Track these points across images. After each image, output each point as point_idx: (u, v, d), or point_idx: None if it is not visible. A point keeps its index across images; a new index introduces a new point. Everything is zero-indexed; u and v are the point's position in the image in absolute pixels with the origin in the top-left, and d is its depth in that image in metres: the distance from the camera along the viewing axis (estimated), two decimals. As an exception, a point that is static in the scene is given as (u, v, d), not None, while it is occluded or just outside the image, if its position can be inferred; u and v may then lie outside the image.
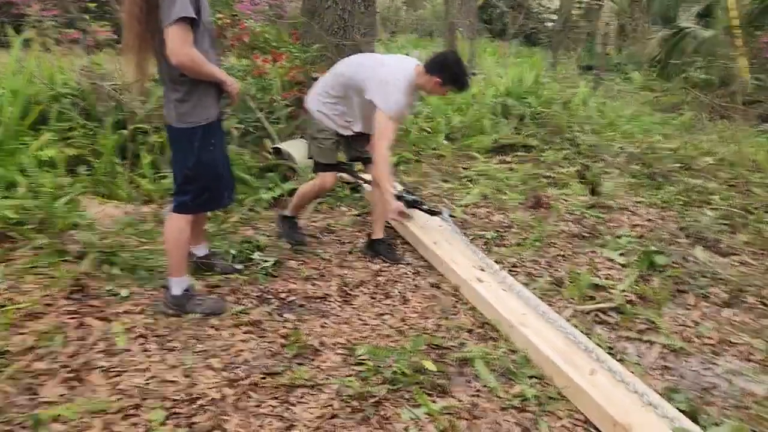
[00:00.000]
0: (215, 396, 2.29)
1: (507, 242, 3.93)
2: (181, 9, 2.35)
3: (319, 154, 3.54)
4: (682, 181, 5.28)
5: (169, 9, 2.36)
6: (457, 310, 3.06)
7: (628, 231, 4.11)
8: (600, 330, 2.94)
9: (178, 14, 2.35)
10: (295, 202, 3.66)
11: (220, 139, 2.80)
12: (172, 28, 2.37)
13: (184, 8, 2.36)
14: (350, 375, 2.47)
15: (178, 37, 2.39)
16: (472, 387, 2.44)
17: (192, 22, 2.41)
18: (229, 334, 2.70)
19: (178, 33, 2.38)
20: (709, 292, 3.33)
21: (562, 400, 2.38)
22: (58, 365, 2.38)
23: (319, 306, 3.04)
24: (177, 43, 2.39)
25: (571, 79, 10.06)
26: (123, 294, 2.93)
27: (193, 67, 2.48)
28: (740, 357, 2.78)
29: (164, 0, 2.37)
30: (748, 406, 2.42)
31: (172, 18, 2.36)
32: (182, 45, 2.40)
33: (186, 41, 2.41)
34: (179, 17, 2.36)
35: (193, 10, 2.40)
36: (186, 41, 2.41)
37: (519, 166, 5.51)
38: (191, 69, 2.49)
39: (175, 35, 2.38)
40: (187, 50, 2.42)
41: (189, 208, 2.75)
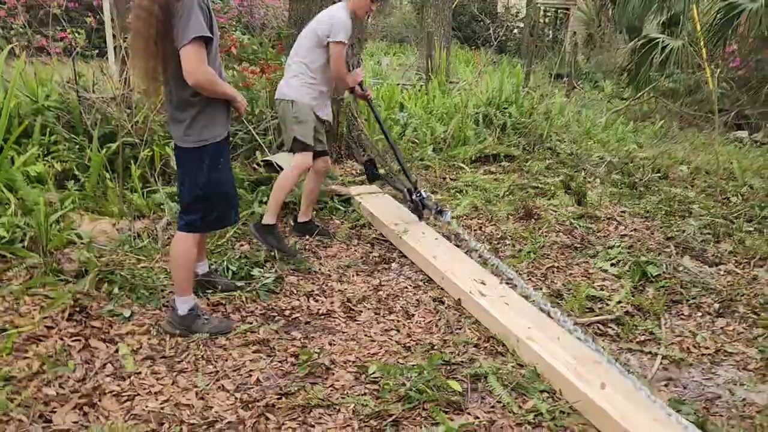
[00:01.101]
0: (232, 419, 2.27)
1: (502, 254, 3.98)
2: (196, 28, 2.34)
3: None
4: (662, 191, 5.42)
5: (185, 29, 2.34)
6: (462, 324, 3.09)
7: (618, 241, 4.20)
8: (602, 342, 3.00)
9: (194, 33, 2.34)
10: (273, 202, 3.69)
11: (228, 157, 2.78)
12: (187, 47, 2.36)
13: (200, 27, 2.35)
14: (365, 393, 2.47)
15: (195, 56, 2.37)
16: (487, 403, 2.47)
17: (206, 40, 2.40)
18: (238, 354, 2.68)
19: (194, 52, 2.37)
20: (701, 302, 3.43)
21: (575, 414, 2.42)
22: (68, 390, 2.33)
23: (324, 323, 3.04)
24: (193, 63, 2.37)
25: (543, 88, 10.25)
26: (125, 314, 2.88)
27: (209, 87, 2.47)
28: (738, 366, 2.88)
29: (180, 20, 2.35)
30: (751, 416, 2.50)
31: (188, 38, 2.34)
32: (198, 64, 2.39)
33: (202, 60, 2.40)
34: (195, 36, 2.34)
35: (207, 29, 2.39)
36: (202, 60, 2.40)
37: (504, 176, 5.59)
38: (207, 88, 2.48)
39: (191, 55, 2.36)
40: (203, 69, 2.41)
41: (198, 227, 2.72)
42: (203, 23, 2.38)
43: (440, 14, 11.16)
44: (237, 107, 2.73)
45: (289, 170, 3.71)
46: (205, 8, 2.45)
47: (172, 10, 2.38)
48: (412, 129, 6.00)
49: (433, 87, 7.80)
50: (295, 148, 3.67)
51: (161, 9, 2.38)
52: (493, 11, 20.79)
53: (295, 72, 3.66)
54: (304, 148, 3.66)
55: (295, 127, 3.62)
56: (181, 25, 2.36)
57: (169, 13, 2.38)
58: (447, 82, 8.60)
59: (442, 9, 11.19)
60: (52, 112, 4.53)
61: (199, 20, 2.36)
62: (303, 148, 3.65)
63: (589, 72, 14.49)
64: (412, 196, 4.15)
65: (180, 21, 2.36)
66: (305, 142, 3.64)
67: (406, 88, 8.16)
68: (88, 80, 4.90)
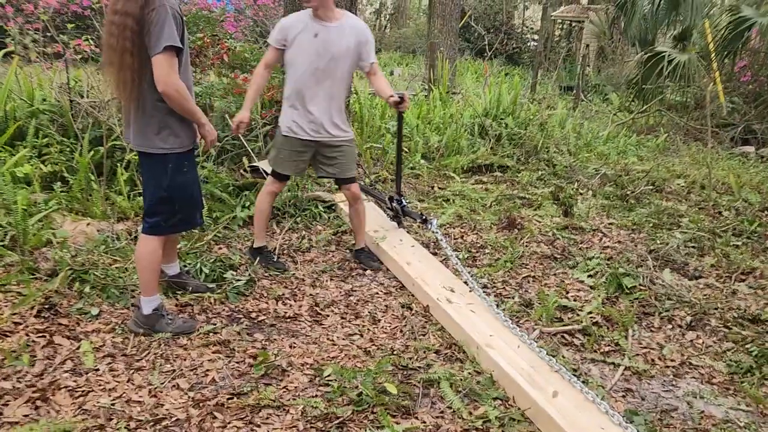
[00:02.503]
0: (180, 416, 2.30)
1: (479, 262, 3.99)
2: (168, 37, 2.40)
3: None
4: (654, 204, 5.38)
5: (157, 37, 2.39)
6: (426, 330, 3.10)
7: (599, 253, 4.18)
8: (565, 352, 2.99)
9: (165, 42, 2.39)
10: (256, 225, 3.69)
11: (193, 162, 2.83)
12: (159, 56, 2.41)
13: (171, 37, 2.41)
14: (316, 396, 2.49)
15: (166, 65, 2.43)
16: (437, 408, 2.48)
17: (177, 51, 2.46)
18: (197, 354, 2.72)
19: (165, 61, 2.42)
20: (673, 315, 3.40)
21: (525, 421, 2.42)
22: (24, 385, 2.38)
23: (289, 326, 3.07)
24: (164, 71, 2.43)
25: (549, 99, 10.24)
26: (93, 312, 2.94)
27: (178, 99, 2.51)
28: (701, 379, 2.85)
29: (153, 27, 2.40)
30: (707, 429, 2.47)
31: (160, 47, 2.39)
32: (169, 74, 2.44)
33: (172, 70, 2.45)
34: (167, 45, 2.40)
35: (179, 39, 2.45)
36: (172, 70, 2.45)
37: (494, 186, 5.59)
38: (176, 100, 2.51)
39: (162, 63, 2.42)
40: (173, 80, 2.46)
41: (162, 229, 2.77)
42: (175, 33, 2.43)
43: (447, 25, 11.20)
44: (204, 134, 2.75)
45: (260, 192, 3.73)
46: (179, 18, 2.51)
47: (146, 20, 2.43)
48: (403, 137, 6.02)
49: (433, 97, 7.84)
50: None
51: (135, 21, 2.43)
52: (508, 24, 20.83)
53: None
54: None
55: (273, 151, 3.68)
56: (154, 34, 2.40)
57: (143, 24, 2.43)
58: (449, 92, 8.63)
59: (449, 20, 11.23)
60: (46, 115, 4.65)
61: (172, 29, 2.41)
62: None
63: (599, 84, 14.43)
64: (392, 203, 4.17)
65: (153, 29, 2.40)
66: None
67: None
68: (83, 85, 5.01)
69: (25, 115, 4.61)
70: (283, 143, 3.55)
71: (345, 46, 3.41)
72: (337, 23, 3.41)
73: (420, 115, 6.94)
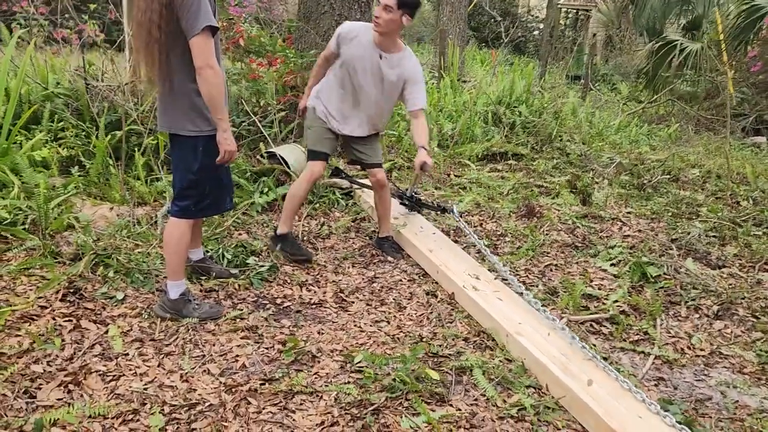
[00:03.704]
0: (214, 402, 2.28)
1: (500, 251, 3.96)
2: (205, 17, 2.35)
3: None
4: (671, 193, 5.36)
5: (195, 17, 2.34)
6: (453, 318, 3.08)
7: (620, 241, 4.16)
8: (594, 340, 2.97)
9: (204, 23, 2.35)
10: (286, 211, 3.62)
11: (222, 145, 2.79)
12: (198, 38, 2.36)
13: (208, 17, 2.36)
14: (349, 382, 2.47)
15: (206, 47, 2.37)
16: (470, 396, 2.45)
17: (213, 30, 2.41)
18: (226, 339, 2.70)
19: (204, 43, 2.37)
20: (700, 304, 3.37)
21: (560, 410, 2.40)
22: (55, 368, 2.36)
23: (315, 312, 3.04)
24: (204, 53, 2.37)
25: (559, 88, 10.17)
26: (118, 297, 2.91)
27: (214, 84, 2.44)
28: (732, 369, 2.83)
29: (188, 9, 2.34)
30: (742, 419, 2.45)
31: (199, 27, 2.34)
32: (208, 56, 2.39)
33: (211, 53, 2.40)
34: (205, 26, 2.35)
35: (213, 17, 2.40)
36: (211, 53, 2.40)
37: (510, 174, 5.56)
38: (212, 85, 2.44)
39: (201, 45, 2.36)
40: (213, 63, 2.41)
41: (192, 213, 2.73)
42: (211, 12, 2.39)
43: (456, 12, 11.12)
44: (220, 140, 2.59)
45: (298, 179, 3.65)
46: None
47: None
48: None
49: (444, 85, 7.78)
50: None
51: None
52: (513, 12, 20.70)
53: None
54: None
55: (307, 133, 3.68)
56: (190, 14, 2.35)
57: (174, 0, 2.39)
58: (459, 80, 8.57)
59: (458, 7, 11.14)
60: (61, 99, 4.61)
61: (207, 8, 2.37)
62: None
63: (607, 74, 14.35)
64: (405, 200, 4.15)
65: (189, 9, 2.34)
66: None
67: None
68: (98, 69, 4.97)
69: (39, 98, 4.56)
70: (314, 120, 3.57)
71: (396, 78, 3.42)
72: (398, 54, 3.43)
73: (432, 103, 6.88)
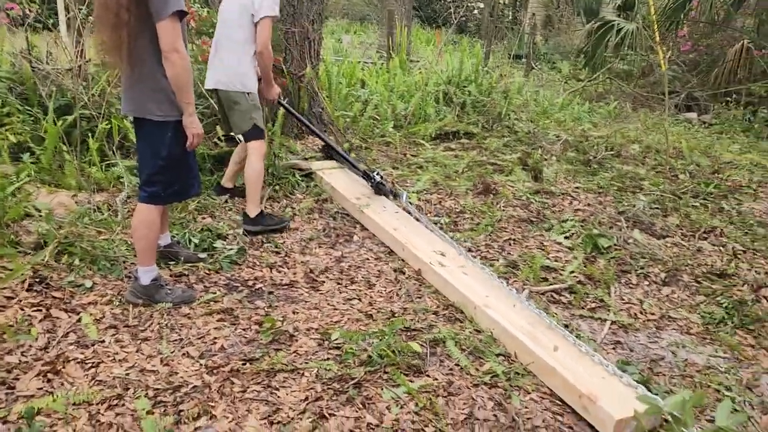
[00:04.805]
0: (197, 384, 2.31)
1: (461, 227, 4.09)
2: (175, 2, 2.33)
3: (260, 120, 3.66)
4: (615, 168, 5.62)
5: (164, 2, 2.32)
6: (422, 293, 3.19)
7: (571, 215, 4.36)
8: (555, 309, 3.14)
9: (173, 7, 2.32)
10: (254, 195, 3.65)
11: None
12: (166, 21, 2.34)
13: (178, 2, 2.34)
14: (328, 359, 2.54)
15: (173, 31, 2.37)
16: (446, 366, 2.57)
17: (181, 15, 2.39)
18: (202, 323, 2.72)
19: (172, 27, 2.36)
20: (649, 272, 3.60)
21: (529, 375, 2.55)
22: (30, 358, 2.33)
23: (287, 293, 3.09)
24: (171, 37, 2.37)
25: (503, 68, 10.39)
26: (87, 285, 2.88)
27: (181, 69, 2.44)
28: (681, 331, 3.05)
29: None
30: (692, 375, 2.67)
31: (168, 11, 2.32)
32: (176, 40, 2.38)
33: (179, 36, 2.39)
34: (174, 11, 2.33)
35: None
36: (179, 36, 2.39)
37: (464, 152, 5.69)
38: (180, 68, 2.44)
39: (169, 30, 2.35)
40: (180, 47, 2.40)
41: (161, 198, 2.72)
42: None
43: (401, -8, 11.14)
44: (186, 124, 2.60)
45: (255, 161, 3.67)
46: None
47: None
48: (373, 106, 6.04)
49: (394, 65, 7.83)
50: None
51: None
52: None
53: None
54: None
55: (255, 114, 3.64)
56: None
57: None
58: (408, 60, 8.63)
59: (404, -13, 11.17)
60: (4, 83, 4.41)
61: None
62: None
63: (547, 53, 14.71)
64: (369, 181, 4.22)
65: None
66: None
67: (367, 66, 8.17)
68: (42, 51, 4.77)
69: (-20, 82, 4.36)
70: (256, 99, 3.63)
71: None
72: None
73: (383, 83, 6.94)
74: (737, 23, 10.47)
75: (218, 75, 3.60)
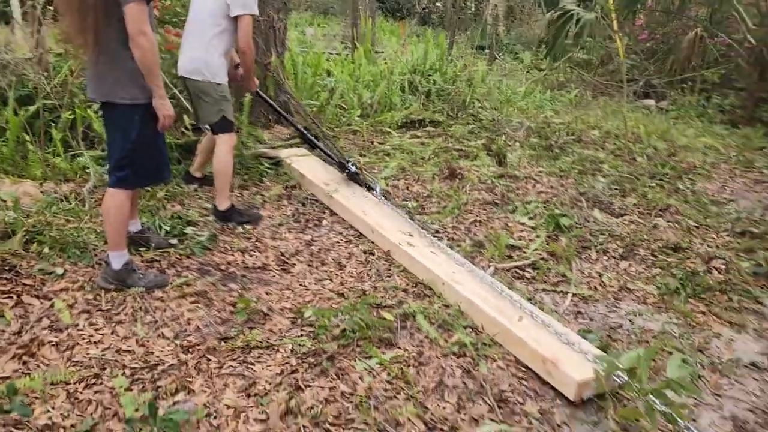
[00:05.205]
0: (174, 362, 2.36)
1: (428, 210, 4.19)
2: None
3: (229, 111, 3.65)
4: (576, 152, 5.79)
5: None
6: (391, 272, 3.27)
7: (535, 197, 4.50)
8: (519, 284, 3.26)
9: None
10: (224, 188, 3.67)
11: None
12: (133, 5, 2.36)
13: None
14: (302, 335, 2.61)
15: (139, 15, 2.38)
16: (416, 338, 2.67)
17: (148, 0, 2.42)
18: (176, 305, 2.75)
19: (138, 11, 2.37)
20: (607, 248, 3.76)
21: (496, 345, 2.66)
22: (4, 342, 2.35)
23: (260, 275, 3.14)
24: (138, 23, 2.38)
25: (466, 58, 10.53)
26: (58, 272, 2.88)
27: (150, 53, 2.45)
28: (638, 301, 3.21)
29: None
30: (647, 341, 2.82)
31: None
32: (142, 24, 2.39)
33: (145, 21, 2.40)
34: None
35: None
36: (145, 21, 2.40)
37: (430, 140, 5.79)
38: (148, 52, 2.45)
39: (135, 14, 2.37)
40: (148, 30, 2.41)
41: (130, 183, 2.74)
42: None
43: (365, -17, 11.17)
44: (157, 107, 2.62)
45: (224, 153, 3.67)
46: None
47: None
48: (339, 95, 6.08)
49: (359, 55, 7.88)
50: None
51: None
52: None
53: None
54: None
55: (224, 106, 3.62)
56: None
57: None
58: (373, 51, 8.69)
59: (367, -22, 11.20)
60: (-39, 73, 4.33)
61: None
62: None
63: (509, 44, 14.93)
64: (347, 170, 4.27)
65: None
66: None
67: (331, 56, 8.20)
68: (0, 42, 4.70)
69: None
70: (226, 91, 3.62)
71: None
72: None
73: (349, 73, 6.98)
74: (691, 12, 10.79)
75: (186, 64, 3.60)
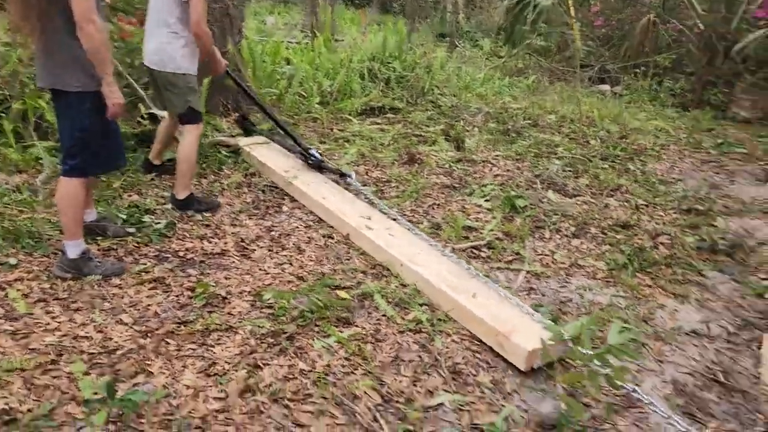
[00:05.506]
0: (133, 346, 2.37)
1: (387, 195, 4.25)
2: None
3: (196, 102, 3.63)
4: (532, 136, 5.92)
5: None
6: (350, 255, 3.33)
7: (491, 180, 4.60)
8: (475, 263, 3.35)
9: None
10: (186, 176, 3.66)
11: (109, 101, 2.78)
12: None
13: None
14: (261, 317, 2.65)
15: (86, 2, 2.36)
16: (373, 317, 2.73)
17: None
18: (134, 292, 2.76)
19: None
20: (560, 227, 3.88)
21: (450, 321, 2.74)
22: (-43, 333, 2.33)
23: (219, 261, 3.16)
24: (86, 8, 2.36)
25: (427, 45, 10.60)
26: (11, 262, 2.86)
27: (98, 40, 2.43)
28: (588, 276, 3.33)
29: None
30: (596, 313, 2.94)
31: None
32: (89, 10, 2.37)
33: (92, 6, 2.39)
34: None
35: None
36: (92, 6, 2.39)
37: (389, 126, 5.85)
38: (96, 40, 2.44)
39: (82, 0, 2.35)
40: (95, 18, 2.40)
41: (83, 170, 2.73)
42: None
43: (323, -29, 11.10)
44: (106, 94, 2.59)
45: (189, 143, 3.65)
46: None
47: None
48: (299, 83, 6.09)
49: (318, 44, 7.87)
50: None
51: None
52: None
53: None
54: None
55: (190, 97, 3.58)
56: None
57: None
58: (332, 39, 8.68)
59: (326, -34, 11.13)
60: None
61: None
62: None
63: (469, 31, 15.05)
64: (309, 159, 4.29)
65: None
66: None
67: (291, 45, 8.17)
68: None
69: None
70: (193, 81, 3.56)
71: None
72: None
73: (308, 62, 6.98)
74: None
75: (151, 55, 3.53)
